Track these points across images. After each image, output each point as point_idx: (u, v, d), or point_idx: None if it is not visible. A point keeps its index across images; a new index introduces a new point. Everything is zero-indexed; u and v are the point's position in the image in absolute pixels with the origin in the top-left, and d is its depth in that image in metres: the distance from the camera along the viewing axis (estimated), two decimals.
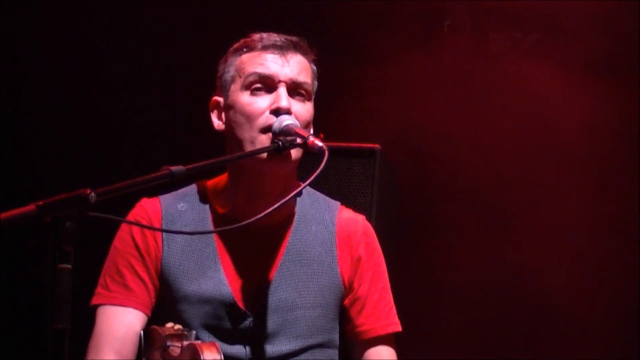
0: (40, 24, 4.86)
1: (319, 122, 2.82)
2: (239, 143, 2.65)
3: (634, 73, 4.80)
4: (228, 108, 2.70)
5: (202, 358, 2.24)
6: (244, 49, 2.73)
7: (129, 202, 2.69)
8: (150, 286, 2.69)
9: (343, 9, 4.92)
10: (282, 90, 2.66)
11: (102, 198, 2.07)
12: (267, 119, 2.63)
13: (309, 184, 2.52)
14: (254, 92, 2.67)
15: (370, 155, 3.84)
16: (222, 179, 2.79)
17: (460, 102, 4.97)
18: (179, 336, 2.36)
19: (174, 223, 2.71)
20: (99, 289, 2.72)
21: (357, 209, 3.80)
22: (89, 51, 4.90)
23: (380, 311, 2.80)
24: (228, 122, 2.70)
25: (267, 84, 2.67)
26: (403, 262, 4.30)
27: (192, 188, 2.80)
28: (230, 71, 2.72)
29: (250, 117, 2.64)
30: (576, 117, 4.87)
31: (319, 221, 2.79)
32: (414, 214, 4.84)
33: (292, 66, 2.69)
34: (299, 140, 2.57)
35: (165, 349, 2.37)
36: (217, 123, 2.74)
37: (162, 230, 2.69)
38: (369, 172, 3.84)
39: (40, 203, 2.00)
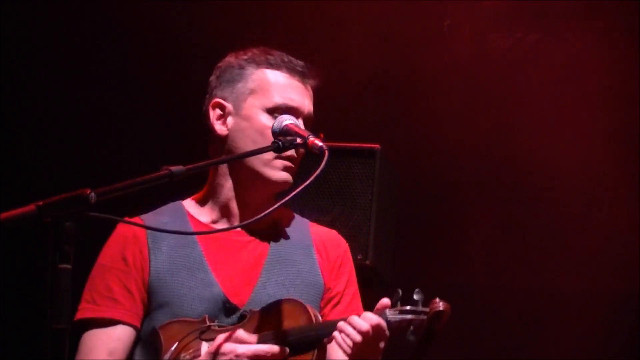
0: (41, 24, 4.86)
1: (319, 122, 2.83)
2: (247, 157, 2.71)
3: (635, 71, 4.80)
4: (240, 119, 2.74)
5: None
6: (266, 64, 2.77)
7: (129, 202, 2.69)
8: (139, 298, 2.69)
9: (342, 10, 4.92)
10: (301, 123, 2.72)
11: (102, 198, 2.06)
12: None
13: (310, 184, 2.51)
14: (275, 116, 2.70)
15: (370, 155, 3.85)
16: (198, 195, 2.84)
17: (460, 102, 4.97)
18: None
19: (159, 234, 2.73)
20: (83, 305, 2.70)
21: (357, 209, 3.83)
22: (89, 51, 4.90)
23: (351, 312, 2.81)
24: (238, 133, 2.73)
25: (289, 112, 2.71)
26: (403, 262, 4.30)
27: (170, 205, 2.84)
28: (248, 82, 2.75)
29: (268, 140, 2.66)
30: (576, 118, 4.88)
31: (296, 229, 2.86)
32: (413, 214, 4.84)
33: (310, 99, 2.77)
34: (299, 140, 2.59)
35: None
36: (220, 128, 2.76)
37: (162, 230, 2.70)
38: (369, 172, 3.84)
39: (40, 203, 2.00)
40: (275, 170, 2.71)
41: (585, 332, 4.82)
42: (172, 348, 2.58)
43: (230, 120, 2.75)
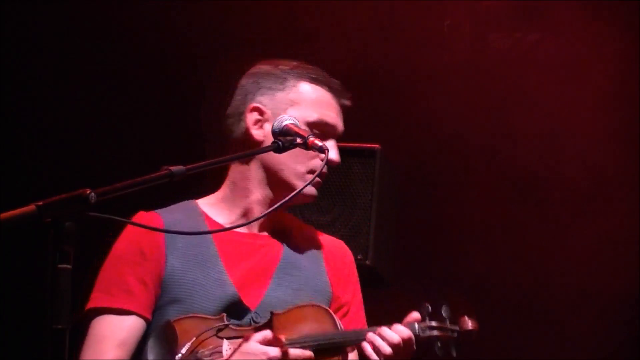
0: (41, 24, 4.86)
1: None
2: (280, 167, 2.74)
3: (635, 71, 4.80)
4: None
5: None
6: (307, 78, 2.81)
7: (129, 202, 2.69)
8: (153, 291, 2.69)
9: (342, 10, 4.92)
10: (334, 143, 2.79)
11: (102, 198, 2.06)
12: (316, 163, 2.74)
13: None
14: (313, 131, 2.73)
15: (370, 155, 3.85)
16: (215, 195, 2.85)
17: (460, 102, 4.97)
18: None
19: (176, 229, 2.73)
20: (96, 294, 2.70)
21: (357, 209, 3.83)
22: (89, 51, 4.90)
23: (358, 321, 2.87)
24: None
25: (325, 130, 2.77)
26: (403, 262, 4.30)
27: (183, 204, 2.85)
28: (290, 93, 2.78)
29: (305, 156, 2.73)
30: (576, 118, 4.88)
31: (306, 238, 2.89)
32: (413, 214, 4.84)
33: (341, 117, 2.84)
34: (299, 140, 2.60)
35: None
36: (257, 133, 2.78)
37: (166, 232, 2.70)
38: (369, 172, 3.85)
39: (40, 203, 1.99)
40: (308, 186, 2.73)
41: (585, 332, 4.82)
42: (189, 343, 2.57)
43: (267, 126, 2.76)
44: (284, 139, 2.60)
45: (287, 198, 2.62)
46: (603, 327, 4.80)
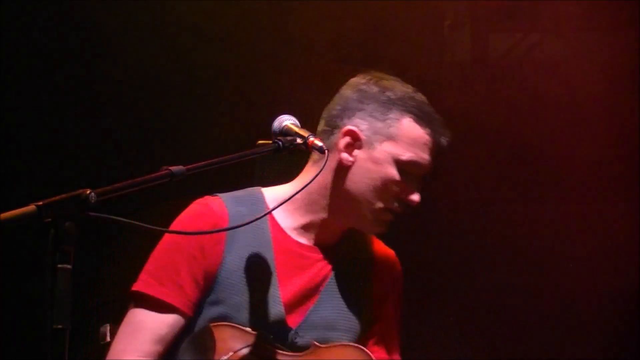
0: (41, 23, 4.86)
1: (318, 122, 2.83)
2: (359, 196, 2.67)
3: (635, 71, 4.80)
4: (369, 158, 2.70)
5: None
6: (413, 115, 2.74)
7: (129, 202, 2.67)
8: (202, 288, 2.63)
9: (341, 10, 4.92)
10: (418, 181, 2.74)
11: (102, 198, 2.06)
12: (397, 203, 2.70)
13: (310, 184, 2.57)
14: (402, 172, 2.70)
15: None
16: (281, 191, 2.78)
17: (460, 102, 4.97)
18: None
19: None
20: (146, 277, 2.63)
21: None
22: (90, 51, 4.90)
23: (391, 343, 2.84)
24: (362, 171, 2.68)
25: (414, 170, 2.72)
26: (403, 262, 4.30)
27: (249, 192, 2.78)
28: (391, 127, 2.71)
29: (387, 193, 2.68)
30: (576, 118, 4.88)
31: (361, 249, 2.84)
32: (413, 213, 4.83)
33: (433, 157, 2.78)
34: (299, 140, 2.57)
35: None
36: (346, 157, 2.70)
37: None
38: None
39: (40, 203, 1.99)
40: (379, 223, 2.72)
41: (585, 332, 4.82)
42: (225, 357, 2.52)
43: (357, 153, 2.70)
44: (284, 139, 2.56)
45: (280, 203, 2.58)
46: (603, 327, 4.80)
